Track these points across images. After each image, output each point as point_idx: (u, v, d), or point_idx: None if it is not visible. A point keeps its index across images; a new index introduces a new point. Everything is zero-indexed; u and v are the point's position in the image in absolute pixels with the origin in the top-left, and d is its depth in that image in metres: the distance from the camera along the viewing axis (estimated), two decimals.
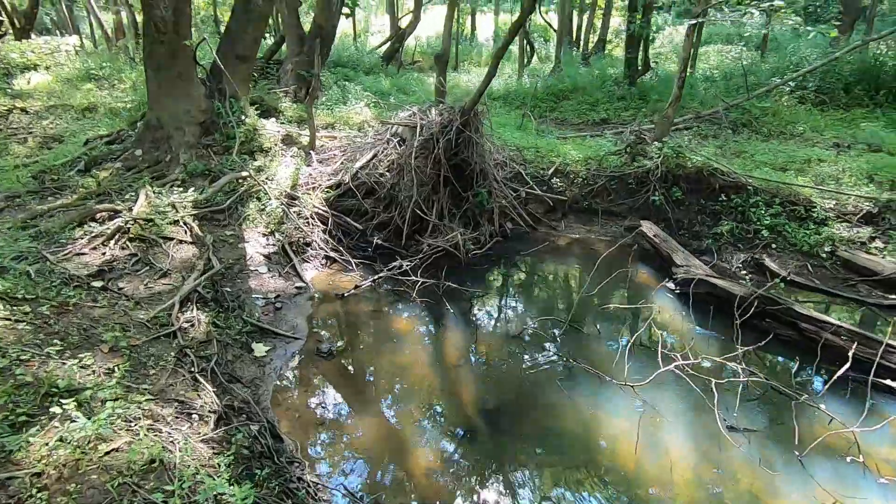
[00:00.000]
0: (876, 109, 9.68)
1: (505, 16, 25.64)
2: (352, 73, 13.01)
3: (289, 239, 5.64)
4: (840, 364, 4.01)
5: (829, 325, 4.20)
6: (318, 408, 3.67)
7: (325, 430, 3.47)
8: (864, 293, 5.27)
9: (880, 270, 5.30)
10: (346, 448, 3.34)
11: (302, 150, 7.02)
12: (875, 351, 4.01)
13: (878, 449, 3.26)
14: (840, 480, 3.07)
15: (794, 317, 4.37)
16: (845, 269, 5.56)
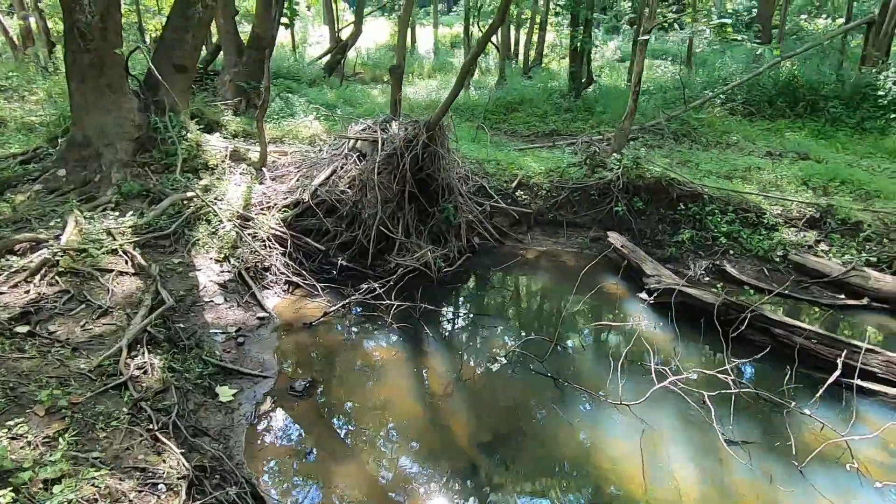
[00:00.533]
0: (797, 120, 10.50)
1: (444, 29, 25.86)
2: (294, 85, 12.47)
3: (245, 264, 5.17)
4: (811, 366, 4.16)
5: (800, 330, 4.35)
6: (298, 456, 3.28)
7: (310, 482, 3.10)
8: (818, 294, 5.56)
9: (829, 272, 5.62)
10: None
11: (252, 166, 6.52)
12: (838, 350, 4.19)
13: (866, 452, 3.35)
14: (839, 488, 3.11)
15: (767, 322, 4.50)
16: (798, 271, 5.86)
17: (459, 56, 20.22)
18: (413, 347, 4.47)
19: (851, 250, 5.90)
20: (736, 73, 11.79)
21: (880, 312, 5.23)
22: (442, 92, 13.72)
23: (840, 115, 10.23)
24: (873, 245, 5.97)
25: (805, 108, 10.69)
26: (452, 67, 18.81)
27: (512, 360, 4.30)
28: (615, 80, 14.47)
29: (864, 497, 3.04)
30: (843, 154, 8.82)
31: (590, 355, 4.43)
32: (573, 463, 3.33)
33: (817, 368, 4.18)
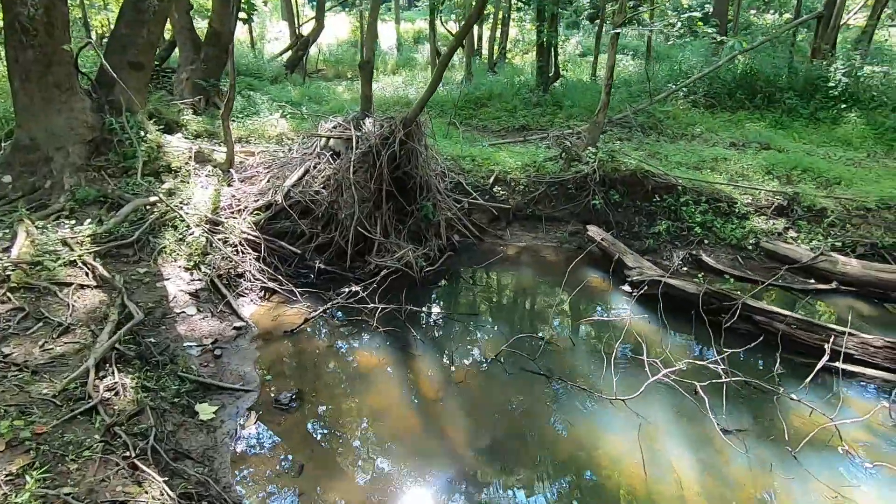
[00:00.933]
0: (756, 111, 10.86)
1: (406, 25, 25.58)
2: (255, 83, 12.03)
3: (217, 271, 4.89)
4: (792, 350, 4.27)
5: (780, 316, 4.45)
6: (289, 474, 3.10)
7: (302, 502, 2.93)
8: (790, 280, 5.73)
9: (799, 258, 5.80)
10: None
11: (219, 168, 6.20)
12: (821, 336, 4.31)
13: (854, 434, 3.44)
14: (833, 472, 3.17)
15: (748, 310, 4.59)
16: (770, 258, 6.03)
17: (423, 52, 20.02)
18: (400, 351, 4.33)
19: (818, 236, 6.11)
20: (696, 67, 12.10)
21: (848, 295, 5.43)
22: (409, 88, 13.54)
23: (795, 105, 10.63)
24: (837, 230, 6.20)
25: (763, 100, 11.06)
26: (417, 63, 18.61)
27: (503, 360, 4.22)
28: (578, 74, 14.62)
29: (857, 479, 3.11)
30: (801, 143, 9.17)
31: (580, 351, 4.40)
32: (574, 464, 3.28)
33: (797, 353, 4.30)
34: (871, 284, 5.37)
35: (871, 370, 4.04)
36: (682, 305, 4.87)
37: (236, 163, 6.41)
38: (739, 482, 3.13)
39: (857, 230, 6.19)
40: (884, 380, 3.95)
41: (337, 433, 3.47)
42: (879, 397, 3.82)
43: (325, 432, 3.48)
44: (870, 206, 6.37)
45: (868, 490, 3.03)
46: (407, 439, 3.43)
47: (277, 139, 7.77)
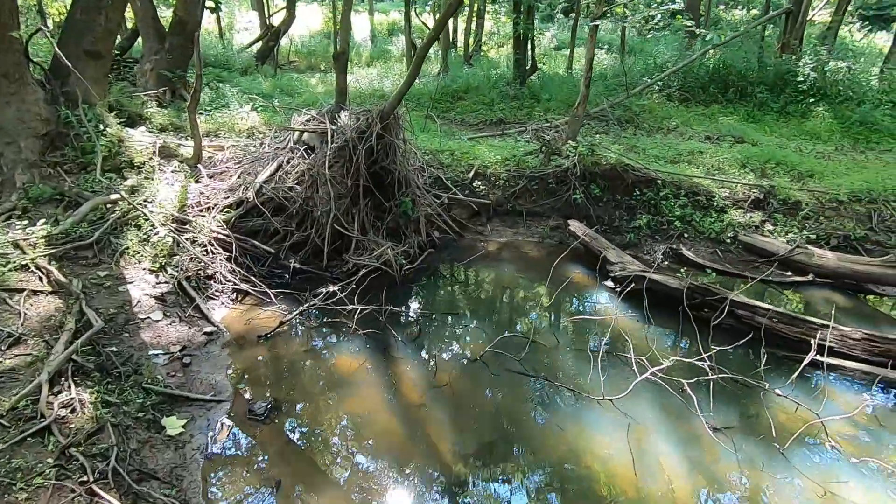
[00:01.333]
0: (728, 105, 11.00)
1: (380, 16, 25.15)
2: (225, 74, 11.59)
3: (185, 273, 4.63)
4: (773, 344, 4.27)
5: (762, 310, 4.45)
6: (266, 491, 2.92)
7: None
8: (767, 272, 5.77)
9: (777, 251, 5.85)
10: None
11: (186, 163, 5.89)
12: (801, 329, 4.34)
13: (839, 429, 3.44)
14: (821, 467, 3.17)
15: (731, 304, 4.58)
16: (747, 251, 6.07)
17: (398, 43, 19.70)
18: (382, 354, 4.17)
19: (794, 229, 6.18)
20: (670, 61, 12.18)
21: (824, 287, 5.51)
22: (384, 80, 13.27)
23: (766, 100, 10.79)
24: (812, 223, 6.29)
25: (735, 94, 11.21)
26: (391, 55, 18.30)
27: (487, 361, 4.10)
28: (554, 67, 14.58)
29: (844, 474, 3.11)
30: (773, 137, 9.32)
31: (566, 350, 4.32)
32: (563, 467, 3.19)
33: (778, 346, 4.31)
34: (846, 276, 5.45)
35: (851, 362, 4.07)
36: (665, 300, 4.84)
37: (205, 158, 6.10)
38: (729, 481, 3.09)
39: (830, 222, 6.29)
40: (864, 372, 3.98)
41: (316, 444, 3.30)
42: (861, 390, 3.85)
43: (303, 443, 3.30)
44: (842, 198, 6.48)
45: (855, 485, 3.03)
46: (390, 447, 3.28)
47: (248, 133, 7.47)
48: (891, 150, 8.72)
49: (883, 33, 19.72)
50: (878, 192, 6.47)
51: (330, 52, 17.45)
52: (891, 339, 4.12)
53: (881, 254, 5.81)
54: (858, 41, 16.70)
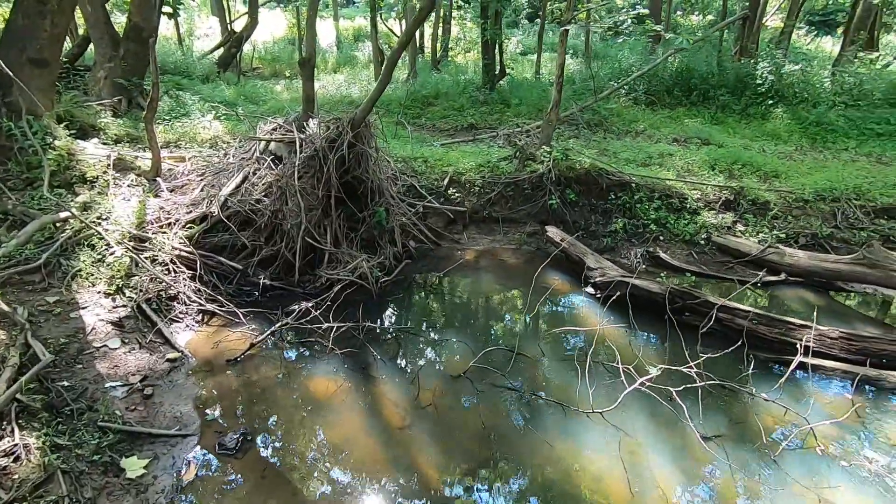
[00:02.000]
0: (692, 108, 11.24)
1: (345, 22, 24.87)
2: (185, 82, 11.16)
3: (145, 295, 4.32)
4: (752, 345, 4.28)
5: (741, 312, 4.46)
6: None
7: None
8: (741, 273, 5.84)
9: (749, 251, 5.93)
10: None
11: (143, 176, 5.55)
12: (781, 330, 4.37)
13: (826, 432, 3.43)
14: (812, 472, 3.14)
15: (709, 307, 4.58)
16: (721, 252, 6.13)
17: (364, 49, 19.50)
18: (361, 375, 3.97)
19: (764, 229, 6.29)
20: (635, 66, 12.39)
21: (796, 286, 5.60)
22: (352, 87, 13.07)
23: (728, 102, 11.07)
24: (780, 222, 6.41)
25: (698, 97, 11.46)
26: (358, 61, 18.09)
27: (472, 376, 3.95)
28: (521, 72, 14.65)
29: (835, 478, 3.09)
30: (736, 138, 9.54)
31: (552, 362, 4.21)
32: (556, 486, 3.06)
33: (758, 348, 4.32)
34: (816, 274, 5.55)
35: (832, 362, 4.11)
36: (646, 305, 4.81)
37: (164, 170, 5.77)
38: (724, 491, 3.03)
39: (797, 221, 6.43)
40: (844, 371, 4.02)
41: (294, 476, 3.07)
42: (842, 389, 3.87)
43: (280, 477, 3.07)
44: (807, 197, 6.63)
45: (846, 489, 3.01)
46: (374, 475, 3.09)
47: (211, 143, 7.14)
48: (846, 149, 9.03)
49: (828, 38, 20.70)
50: (840, 190, 6.65)
51: (295, 59, 17.08)
52: (866, 337, 4.18)
53: (847, 251, 5.95)
54: (807, 45, 17.43)
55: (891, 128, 9.41)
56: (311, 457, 3.21)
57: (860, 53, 12.12)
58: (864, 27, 13.48)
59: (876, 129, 9.42)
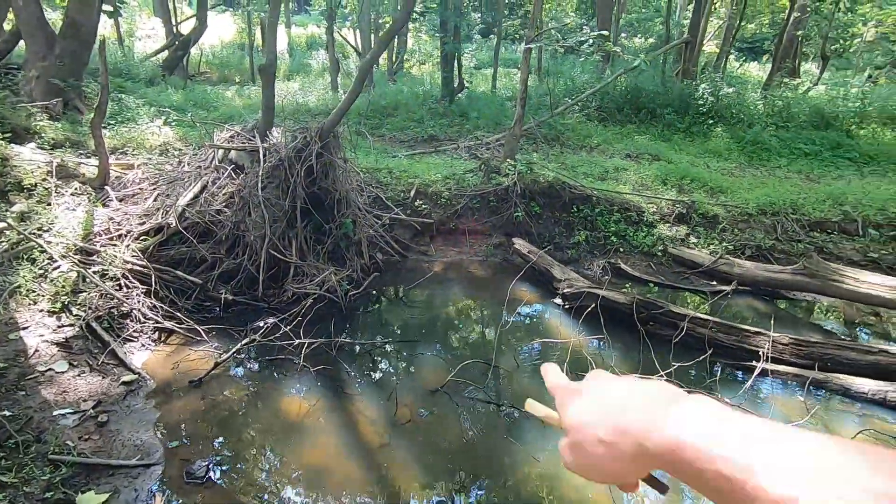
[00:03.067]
0: (641, 125, 11.82)
1: (297, 29, 24.45)
2: (128, 85, 10.55)
3: (94, 313, 3.99)
4: (713, 353, 4.49)
5: (702, 320, 4.68)
6: None
7: None
8: (695, 282, 6.15)
9: (703, 262, 6.25)
10: None
11: (89, 185, 5.16)
12: (738, 337, 4.61)
13: None
14: None
15: (673, 317, 4.77)
16: (677, 263, 6.43)
17: (318, 58, 19.23)
18: (335, 393, 3.83)
19: (714, 241, 6.66)
20: (588, 83, 12.91)
21: (745, 295, 5.95)
22: (308, 95, 12.83)
23: (673, 121, 11.72)
24: (728, 235, 6.81)
25: (647, 115, 12.07)
26: (312, 69, 17.81)
27: (450, 390, 3.91)
28: (476, 86, 14.91)
29: None
30: (682, 154, 10.09)
31: (527, 372, 4.23)
32: (539, 499, 3.06)
33: (718, 354, 4.53)
34: (763, 283, 5.92)
35: (784, 367, 4.37)
36: (611, 314, 4.94)
37: (112, 178, 5.39)
38: (700, 497, 3.13)
39: (743, 234, 6.85)
40: (795, 374, 4.28)
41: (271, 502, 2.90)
42: (794, 392, 4.13)
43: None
44: (751, 211, 7.09)
45: None
46: (353, 498, 2.97)
47: (161, 149, 6.76)
48: (779, 167, 9.76)
49: (755, 63, 22.44)
50: (779, 205, 7.16)
51: (245, 65, 16.58)
52: (813, 342, 4.49)
53: (787, 261, 6.40)
54: (737, 70, 18.82)
55: (816, 148, 10.25)
56: (287, 482, 3.05)
57: (785, 79, 13.21)
58: (789, 56, 14.74)
59: (804, 149, 10.25)
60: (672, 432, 0.47)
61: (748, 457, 0.42)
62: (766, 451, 0.42)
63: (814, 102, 11.70)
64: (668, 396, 0.51)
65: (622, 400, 0.54)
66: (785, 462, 0.41)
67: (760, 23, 22.56)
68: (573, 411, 0.59)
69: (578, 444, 0.56)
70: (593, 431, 0.54)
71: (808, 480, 0.39)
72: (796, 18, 13.78)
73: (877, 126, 10.89)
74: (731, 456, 0.43)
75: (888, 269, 6.02)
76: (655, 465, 0.50)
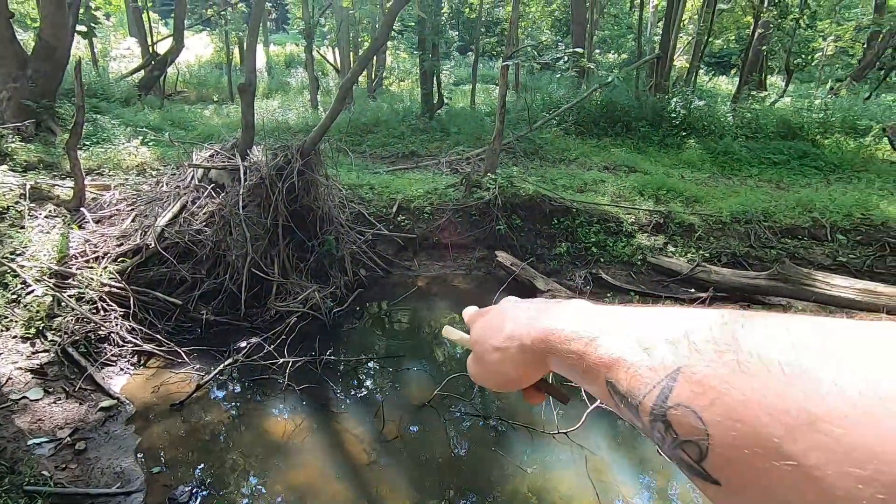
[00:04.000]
0: (617, 138, 12.10)
1: (275, 48, 24.52)
2: (103, 105, 10.41)
3: (71, 337, 3.89)
4: None
5: None
6: None
7: None
8: (674, 290, 6.28)
9: (681, 270, 6.39)
10: None
11: (64, 207, 5.07)
12: None
13: None
14: None
15: None
16: (656, 272, 6.56)
17: (297, 76, 19.30)
18: (321, 411, 3.79)
19: (691, 249, 6.82)
20: (564, 98, 13.20)
21: (723, 301, 6.09)
22: (288, 113, 12.84)
23: (647, 133, 12.03)
24: (704, 243, 6.99)
25: (622, 128, 12.36)
26: (291, 87, 17.86)
27: (437, 405, 3.90)
28: (456, 102, 15.11)
29: None
30: (658, 166, 10.35)
31: None
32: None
33: None
34: (739, 289, 6.07)
35: None
36: None
37: (88, 199, 5.30)
38: (684, 499, 3.17)
39: (718, 242, 7.04)
40: None
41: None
42: None
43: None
44: (725, 220, 7.29)
45: None
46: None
47: (139, 170, 6.68)
48: (750, 176, 10.07)
49: (724, 77, 23.24)
50: (752, 213, 7.38)
51: (223, 84, 16.53)
52: None
53: (761, 267, 6.58)
54: (707, 83, 19.46)
55: (784, 157, 10.62)
56: (277, 502, 3.00)
57: (753, 92, 13.70)
58: (755, 69, 15.32)
59: (773, 159, 10.60)
60: (545, 324, 0.50)
61: (594, 330, 0.44)
62: (610, 321, 0.44)
63: (780, 114, 12.14)
64: (556, 304, 0.54)
65: (516, 311, 0.57)
66: (619, 328, 0.42)
67: (727, 38, 23.39)
68: (476, 328, 0.63)
69: (480, 355, 0.60)
70: (490, 342, 0.57)
71: (619, 333, 0.41)
72: (761, 34, 14.36)
73: (840, 136, 11.33)
74: (583, 332, 0.45)
75: (856, 273, 6.24)
76: (535, 359, 0.52)
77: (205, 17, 19.79)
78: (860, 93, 14.70)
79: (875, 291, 5.13)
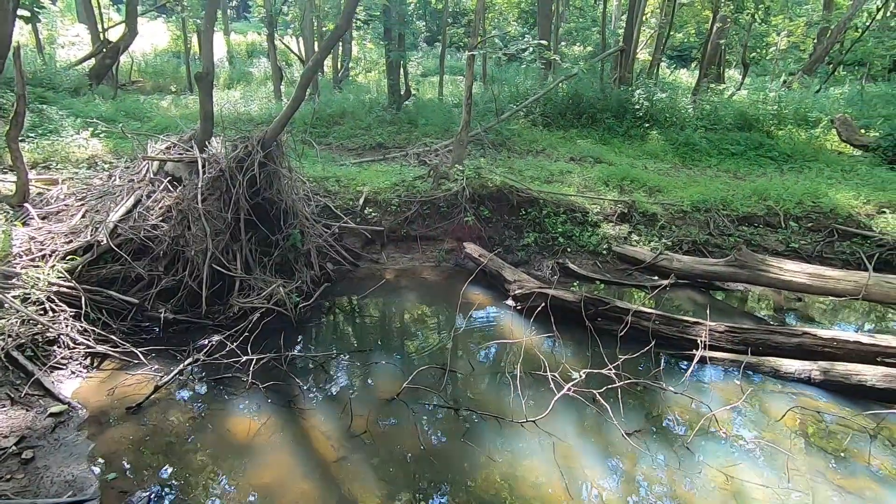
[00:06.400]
0: (583, 130, 12.25)
1: (237, 36, 23.73)
2: (50, 95, 9.86)
3: (15, 340, 3.69)
4: (657, 343, 4.69)
5: (646, 314, 4.88)
6: None
7: None
8: (638, 278, 6.42)
9: (644, 259, 6.53)
10: None
11: (6, 202, 4.78)
12: (678, 328, 4.85)
13: (727, 416, 3.85)
14: (718, 455, 3.49)
15: (619, 311, 4.96)
16: (621, 260, 6.69)
17: (260, 66, 18.76)
18: (286, 409, 3.71)
19: (654, 238, 6.98)
20: (531, 90, 13.26)
21: (684, 287, 6.27)
22: (250, 104, 12.47)
23: (612, 125, 12.22)
24: (667, 231, 7.17)
25: (588, 120, 12.52)
26: (253, 78, 17.35)
27: (406, 398, 3.87)
28: (423, 93, 15.00)
29: (738, 457, 3.46)
30: (622, 157, 10.54)
31: (483, 375, 4.27)
32: (500, 500, 3.08)
33: (662, 345, 4.74)
34: (700, 276, 6.26)
35: (721, 353, 4.63)
36: (563, 313, 5.06)
37: (33, 194, 5.02)
38: (650, 481, 3.26)
39: (680, 230, 7.23)
40: (731, 360, 4.54)
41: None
42: (731, 376, 4.37)
43: None
44: (686, 209, 7.49)
45: (748, 466, 3.38)
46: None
47: (89, 163, 6.37)
48: (710, 166, 10.38)
49: (684, 70, 23.83)
50: (711, 202, 7.61)
51: (181, 73, 15.92)
52: (746, 329, 4.78)
53: (720, 254, 6.80)
54: (669, 76, 19.91)
55: (741, 148, 10.98)
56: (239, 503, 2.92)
57: (712, 85, 14.08)
58: (714, 63, 15.75)
59: (730, 150, 10.95)
60: None
61: None
62: None
63: (737, 106, 12.53)
64: None
65: None
66: None
67: (687, 32, 23.98)
68: None
69: None
70: None
71: None
72: (719, 28, 14.74)
73: (792, 127, 11.78)
74: None
75: (807, 258, 6.53)
76: None
77: (160, 3, 18.96)
78: (811, 86, 15.33)
79: (824, 276, 5.37)
